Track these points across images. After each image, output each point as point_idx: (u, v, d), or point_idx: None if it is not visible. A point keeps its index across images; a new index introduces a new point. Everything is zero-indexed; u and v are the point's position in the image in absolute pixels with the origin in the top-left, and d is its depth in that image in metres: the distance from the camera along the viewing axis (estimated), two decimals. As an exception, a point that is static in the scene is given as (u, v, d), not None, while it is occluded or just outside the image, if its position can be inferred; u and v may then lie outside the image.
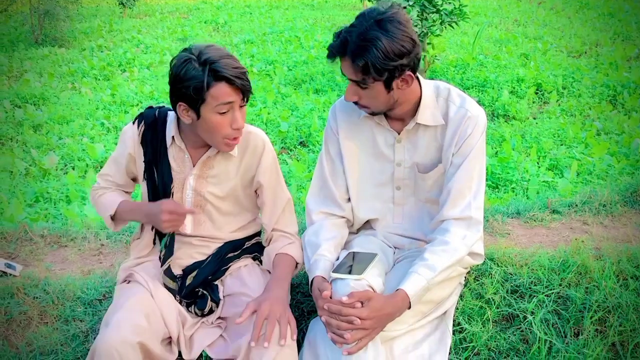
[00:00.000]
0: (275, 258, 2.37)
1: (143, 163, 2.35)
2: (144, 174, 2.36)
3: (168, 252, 2.36)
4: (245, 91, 2.12)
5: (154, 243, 2.43)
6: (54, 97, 9.83)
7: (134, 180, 2.48)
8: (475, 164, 2.21)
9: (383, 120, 2.31)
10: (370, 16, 2.05)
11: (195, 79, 2.04)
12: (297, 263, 2.38)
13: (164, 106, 2.41)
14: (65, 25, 15.03)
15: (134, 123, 2.36)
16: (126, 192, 2.51)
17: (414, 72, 2.14)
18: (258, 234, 2.60)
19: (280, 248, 2.39)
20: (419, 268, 2.07)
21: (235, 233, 2.50)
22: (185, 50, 2.13)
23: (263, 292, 2.23)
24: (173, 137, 2.30)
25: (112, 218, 2.40)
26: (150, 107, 2.39)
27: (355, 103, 2.23)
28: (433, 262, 2.07)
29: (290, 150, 7.39)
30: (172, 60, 2.13)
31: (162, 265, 2.36)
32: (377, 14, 2.05)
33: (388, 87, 2.12)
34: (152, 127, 2.33)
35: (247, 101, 2.17)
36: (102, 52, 13.51)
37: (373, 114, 2.28)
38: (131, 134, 2.35)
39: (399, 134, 2.31)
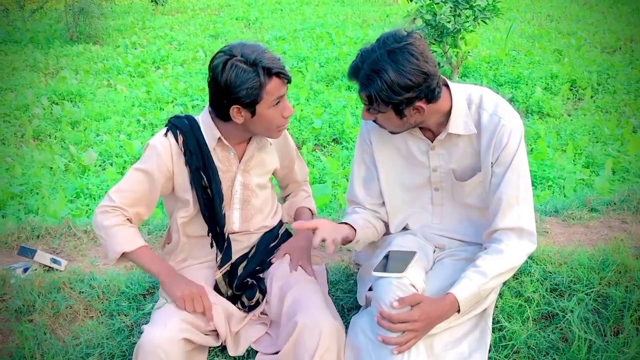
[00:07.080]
0: (297, 211, 2.70)
1: (188, 173, 2.31)
2: (190, 182, 2.32)
3: (226, 257, 2.41)
4: (289, 80, 2.22)
5: (212, 247, 2.43)
6: (90, 94, 9.96)
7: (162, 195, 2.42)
8: (519, 172, 2.18)
9: (416, 130, 2.29)
10: (386, 44, 2.03)
11: (251, 80, 2.10)
12: (313, 214, 2.72)
13: (182, 114, 2.42)
14: (99, 22, 15.22)
15: (165, 135, 2.31)
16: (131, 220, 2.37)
17: (429, 102, 2.10)
18: (281, 221, 2.68)
19: (301, 202, 2.73)
20: (471, 273, 2.09)
21: (272, 219, 2.58)
22: (222, 53, 2.16)
23: (293, 237, 2.58)
24: (220, 138, 2.31)
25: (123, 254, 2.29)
26: (176, 117, 2.37)
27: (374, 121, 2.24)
28: (485, 269, 2.09)
29: (324, 147, 7.41)
30: (213, 67, 2.15)
31: (219, 269, 2.40)
32: (393, 41, 2.03)
33: (399, 114, 2.11)
34: (190, 134, 2.31)
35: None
36: (136, 49, 13.64)
37: (393, 132, 2.27)
38: (165, 146, 2.30)
39: (432, 141, 2.29)
